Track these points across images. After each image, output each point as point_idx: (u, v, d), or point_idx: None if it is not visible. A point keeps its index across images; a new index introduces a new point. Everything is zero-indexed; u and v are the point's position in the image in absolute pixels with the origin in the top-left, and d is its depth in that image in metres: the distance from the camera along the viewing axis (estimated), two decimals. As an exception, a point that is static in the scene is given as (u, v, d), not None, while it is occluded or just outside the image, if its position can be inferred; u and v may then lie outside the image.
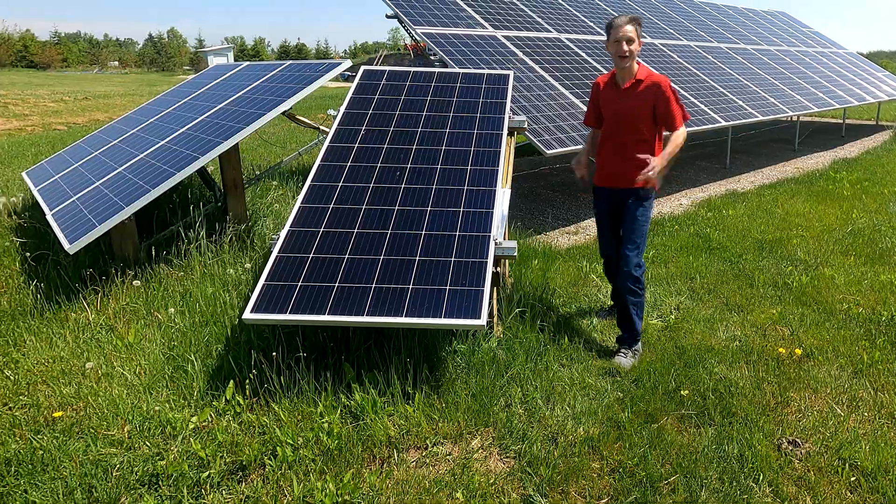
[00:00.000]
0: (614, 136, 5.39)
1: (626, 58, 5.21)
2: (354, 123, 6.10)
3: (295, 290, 4.39)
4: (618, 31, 5.20)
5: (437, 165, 5.58)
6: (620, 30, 5.19)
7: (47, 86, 46.05)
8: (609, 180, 5.45)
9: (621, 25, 5.20)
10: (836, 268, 7.35)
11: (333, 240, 4.81)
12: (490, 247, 4.77)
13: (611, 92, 5.44)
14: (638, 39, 5.24)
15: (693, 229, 8.79)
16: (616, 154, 5.38)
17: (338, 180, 5.38)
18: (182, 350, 4.90)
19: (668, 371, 4.95)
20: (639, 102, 5.28)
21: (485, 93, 6.68)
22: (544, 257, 7.31)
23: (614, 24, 5.25)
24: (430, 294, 4.38)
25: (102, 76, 75.15)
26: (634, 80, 5.32)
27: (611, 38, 5.27)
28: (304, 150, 8.45)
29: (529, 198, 11.12)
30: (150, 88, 44.69)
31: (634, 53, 5.24)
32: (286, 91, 7.16)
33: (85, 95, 35.98)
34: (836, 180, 12.27)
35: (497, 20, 11.92)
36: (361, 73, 6.94)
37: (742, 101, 13.60)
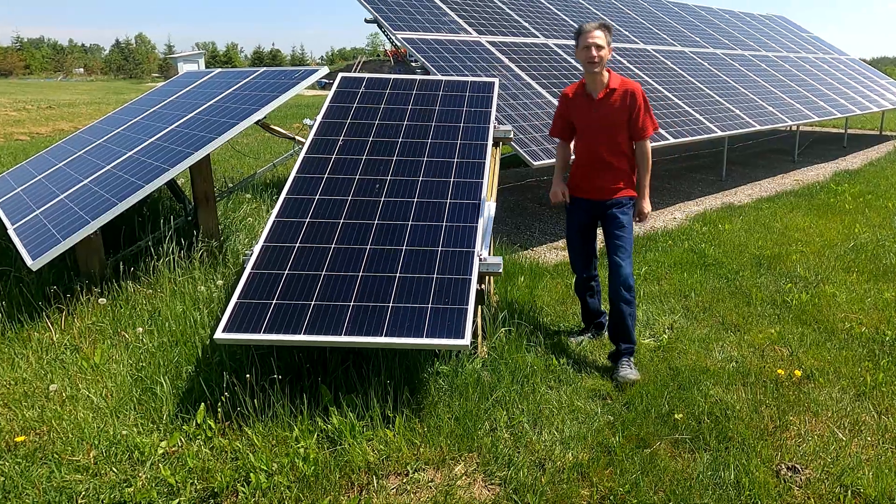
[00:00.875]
0: (591, 149, 5.50)
1: (596, 64, 5.30)
2: (332, 133, 6.15)
3: (269, 309, 4.43)
4: (586, 36, 5.31)
5: (418, 177, 5.64)
6: (589, 35, 5.30)
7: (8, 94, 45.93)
8: (587, 193, 5.58)
9: (590, 31, 5.31)
10: (838, 285, 7.41)
11: (309, 256, 4.85)
12: (474, 263, 4.82)
13: (583, 103, 5.52)
14: (608, 46, 5.36)
15: (687, 245, 8.87)
16: (594, 167, 5.51)
17: (314, 193, 5.43)
18: (150, 371, 4.92)
19: (661, 393, 4.98)
20: (615, 113, 5.42)
21: (469, 101, 6.74)
22: (531, 274, 7.37)
23: (583, 30, 5.36)
24: (411, 312, 4.43)
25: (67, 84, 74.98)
26: (608, 90, 5.43)
27: (580, 45, 5.37)
28: (279, 162, 8.48)
29: (515, 211, 11.19)
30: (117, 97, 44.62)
31: (604, 60, 5.34)
32: (260, 99, 7.21)
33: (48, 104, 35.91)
34: (838, 193, 12.40)
35: (482, 25, 12.02)
36: (339, 80, 7.00)
37: (739, 109, 13.75)
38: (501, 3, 13.56)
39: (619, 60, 13.39)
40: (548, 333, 5.96)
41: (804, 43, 23.88)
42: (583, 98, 5.53)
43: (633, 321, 5.44)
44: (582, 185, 5.59)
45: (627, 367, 5.33)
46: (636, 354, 5.61)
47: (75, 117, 28.18)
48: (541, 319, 6.24)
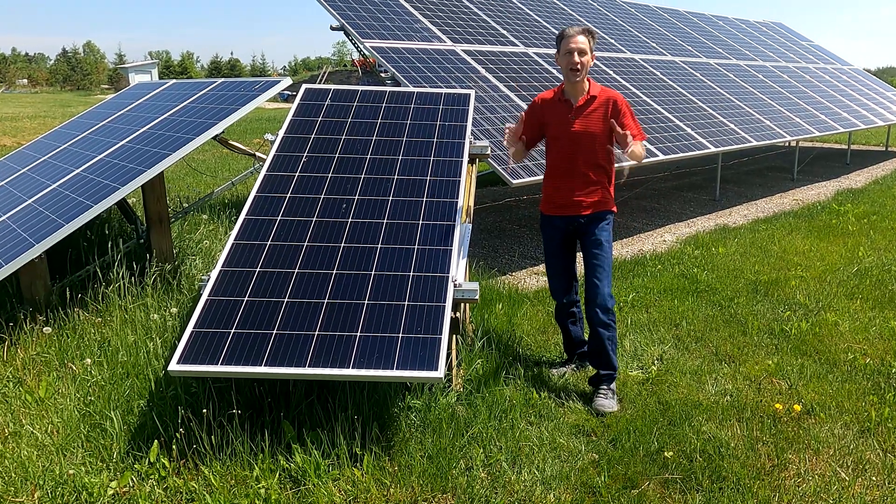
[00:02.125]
0: (567, 160, 5.55)
1: (578, 71, 5.39)
2: (295, 149, 6.21)
3: (227, 339, 4.48)
4: (569, 41, 5.40)
5: (388, 197, 5.70)
6: (572, 40, 5.39)
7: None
8: (564, 210, 5.63)
9: (573, 36, 5.41)
10: (841, 313, 7.48)
11: (271, 281, 4.90)
12: (449, 289, 4.87)
13: (561, 111, 5.57)
14: (591, 53, 5.44)
15: (678, 269, 8.97)
16: (570, 181, 5.56)
17: (276, 214, 5.49)
18: (100, 406, 4.94)
19: (649, 430, 5.03)
20: (596, 122, 5.48)
21: (442, 115, 6.81)
22: (510, 301, 7.43)
23: (565, 35, 5.45)
24: (380, 343, 4.48)
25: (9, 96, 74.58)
26: (588, 97, 5.51)
27: (561, 50, 5.47)
28: (238, 180, 8.52)
29: (493, 233, 11.27)
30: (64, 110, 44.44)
31: (587, 68, 5.44)
32: (217, 113, 7.26)
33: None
34: (840, 214, 12.54)
35: (457, 33, 12.15)
36: (303, 92, 7.06)
37: (734, 123, 13.91)
38: (478, 10, 13.69)
39: (605, 71, 13.53)
40: (528, 365, 6.01)
41: (804, 52, 24.14)
42: (560, 104, 5.59)
43: (613, 346, 5.52)
44: (556, 199, 5.65)
45: (604, 396, 5.41)
46: (622, 388, 5.67)
47: (18, 132, 28.07)
48: (520, 350, 6.30)
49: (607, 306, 5.46)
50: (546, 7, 15.82)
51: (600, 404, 5.33)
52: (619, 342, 6.42)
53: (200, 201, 8.61)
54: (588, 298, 5.52)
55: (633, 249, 10.21)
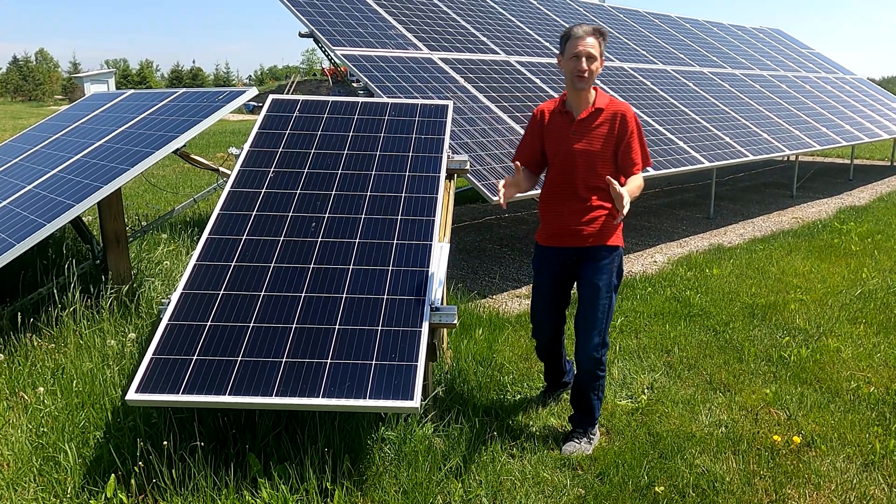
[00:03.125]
0: (567, 183, 5.22)
1: (585, 79, 5.05)
2: (261, 164, 6.24)
3: (189, 366, 4.50)
4: (576, 43, 5.04)
5: (360, 215, 5.73)
6: (580, 42, 5.03)
7: None
8: (560, 239, 5.31)
9: (581, 37, 5.03)
10: (843, 338, 7.53)
11: (235, 305, 4.93)
12: (425, 313, 4.89)
13: (561, 123, 5.25)
14: (601, 58, 5.10)
15: (670, 292, 9.03)
16: (568, 206, 5.24)
17: (241, 233, 5.52)
18: (53, 438, 4.94)
19: (639, 463, 5.05)
20: (601, 137, 5.14)
21: (419, 127, 6.83)
22: (490, 326, 7.46)
23: (572, 35, 5.07)
24: (352, 370, 4.50)
25: (-45, 108, 74.16)
26: (593, 109, 5.17)
27: (566, 52, 5.10)
28: (201, 197, 8.54)
29: (473, 254, 11.31)
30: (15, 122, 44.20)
31: (594, 75, 5.09)
32: (179, 125, 7.29)
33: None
34: (843, 233, 12.64)
35: (434, 40, 12.22)
36: (269, 103, 7.09)
37: (729, 137, 14.01)
38: (456, 15, 13.79)
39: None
40: (509, 394, 6.05)
41: (804, 60, 24.32)
42: (560, 117, 5.26)
43: (596, 394, 5.32)
44: (552, 227, 5.34)
45: (574, 442, 5.28)
46: (610, 419, 5.68)
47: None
48: (501, 378, 6.33)
49: (596, 357, 5.20)
50: (530, 12, 15.94)
51: (567, 449, 5.23)
52: (608, 370, 6.49)
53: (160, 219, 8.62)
54: (577, 345, 5.25)
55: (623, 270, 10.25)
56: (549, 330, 5.58)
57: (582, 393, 5.34)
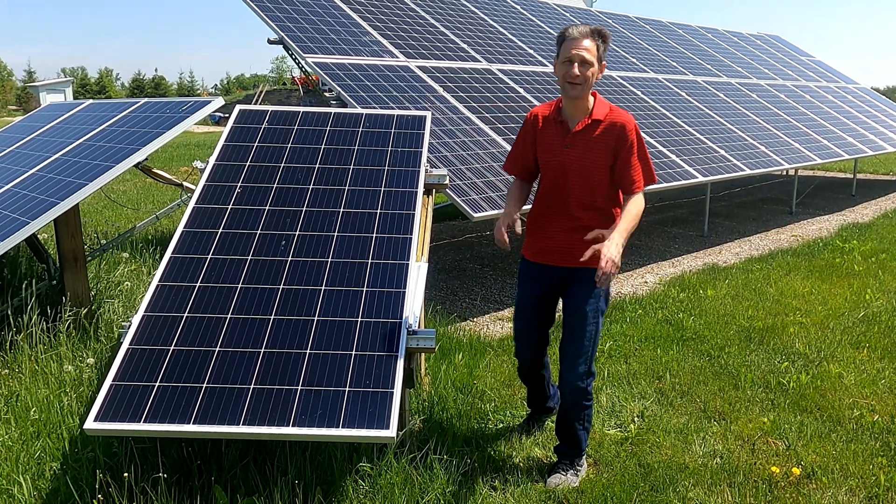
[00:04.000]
0: (559, 199, 5.17)
1: (579, 85, 4.93)
2: (227, 179, 6.25)
3: (151, 393, 4.51)
4: (570, 45, 4.94)
5: (333, 233, 5.74)
6: (573, 45, 4.92)
7: None
8: (549, 256, 5.29)
9: (576, 38, 4.93)
10: (845, 364, 7.58)
11: (200, 328, 4.94)
12: (401, 337, 4.90)
13: (555, 133, 5.18)
14: (599, 63, 5.00)
15: (662, 314, 9.09)
16: (558, 222, 5.20)
17: (206, 252, 5.53)
18: (7, 470, 4.94)
19: (629, 496, 5.07)
20: (597, 152, 5.04)
21: (395, 140, 6.85)
22: (471, 350, 7.47)
23: (567, 36, 4.98)
24: (324, 397, 4.51)
25: None
26: (590, 121, 5.06)
27: (560, 55, 4.99)
28: (164, 213, 8.56)
29: (452, 274, 11.34)
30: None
31: (590, 81, 4.96)
32: (140, 137, 7.30)
33: None
34: (845, 252, 12.72)
35: (411, 46, 12.28)
36: (236, 114, 7.08)
37: (724, 150, 14.09)
38: (435, 21, 13.86)
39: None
40: (491, 422, 6.08)
41: (804, 68, 24.44)
42: (555, 126, 5.18)
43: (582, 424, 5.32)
44: (539, 241, 5.32)
45: (560, 473, 5.31)
46: (598, 449, 5.70)
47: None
48: (483, 406, 6.36)
49: (579, 386, 5.19)
50: (513, 18, 16.02)
51: (552, 481, 5.25)
52: (596, 397, 6.53)
53: (121, 237, 8.63)
54: (562, 369, 5.25)
55: (611, 292, 10.27)
56: (533, 349, 5.58)
57: (567, 423, 5.35)
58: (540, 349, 5.61)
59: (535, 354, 5.62)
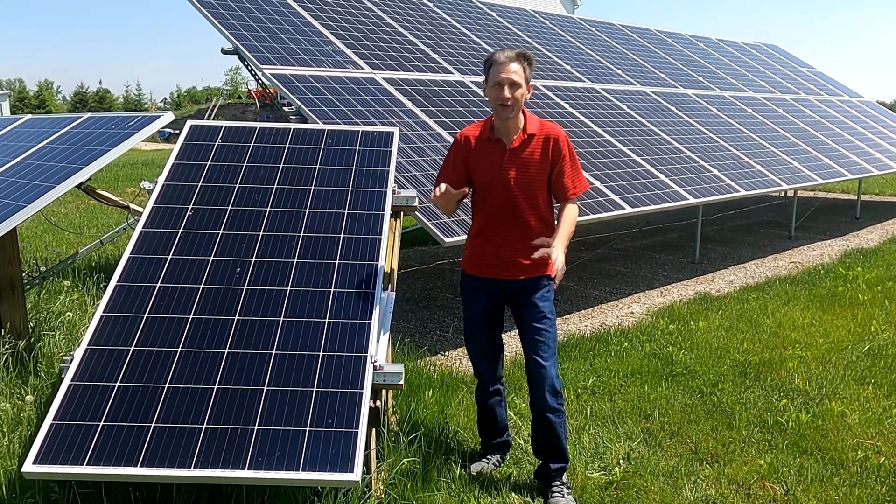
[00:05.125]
0: (503, 214, 5.66)
1: (510, 108, 5.46)
2: (178, 200, 6.25)
3: (95, 433, 4.51)
4: (499, 70, 5.45)
5: (292, 259, 5.76)
6: (502, 70, 5.44)
7: None
8: (497, 271, 5.75)
9: (504, 63, 5.45)
10: (849, 401, 7.64)
11: (149, 363, 4.94)
12: (367, 372, 4.92)
13: (490, 152, 5.66)
14: (527, 84, 5.52)
15: (649, 348, 9.14)
16: (502, 237, 5.68)
17: (155, 280, 5.54)
18: (-65, 517, 4.95)
19: (613, 544, 5.16)
20: (535, 165, 5.62)
21: (360, 158, 6.86)
22: (442, 386, 7.53)
23: (494, 61, 5.50)
24: (283, 438, 4.52)
25: None
26: (525, 137, 5.62)
27: (489, 80, 5.52)
28: (109, 238, 8.57)
29: (422, 304, 11.38)
30: None
31: (520, 102, 5.50)
32: (83, 155, 7.29)
33: None
34: (849, 279, 12.81)
35: (377, 57, 12.33)
36: (188, 130, 7.06)
37: (717, 169, 14.17)
38: (403, 30, 13.94)
39: (559, 104, 13.82)
40: (464, 464, 6.08)
41: (804, 80, 24.61)
42: (489, 145, 5.67)
43: (564, 431, 5.66)
44: (486, 258, 5.77)
45: (560, 494, 5.56)
46: (580, 495, 5.75)
47: None
48: (455, 446, 6.39)
49: (556, 388, 5.59)
50: (488, 27, 16.11)
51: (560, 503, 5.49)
52: (577, 437, 6.59)
53: (62, 264, 8.63)
54: (533, 381, 5.62)
55: (594, 323, 10.38)
56: (493, 361, 6.06)
57: (552, 438, 5.66)
58: (499, 359, 6.10)
59: (495, 364, 6.07)
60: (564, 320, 10.48)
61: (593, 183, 11.17)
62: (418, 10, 15.15)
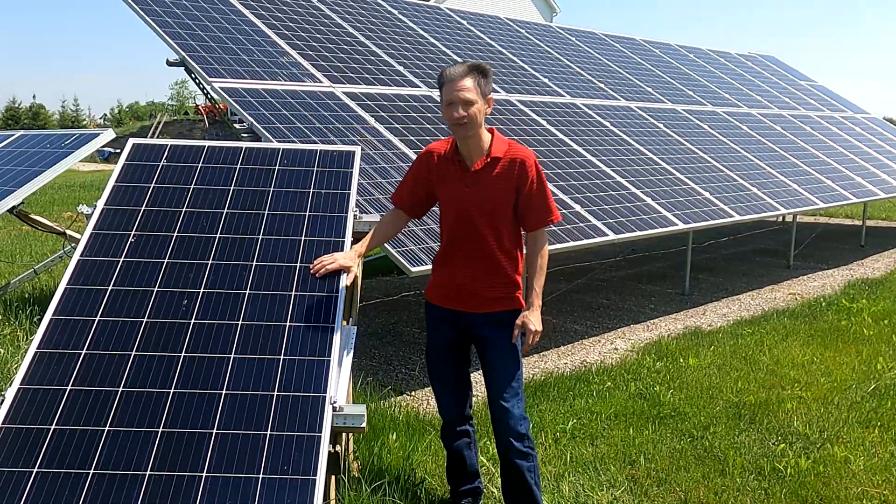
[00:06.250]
0: (466, 242, 5.70)
1: (466, 125, 5.48)
2: (119, 226, 6.24)
3: (28, 481, 4.49)
4: (451, 88, 5.48)
5: (244, 291, 5.76)
6: (454, 86, 5.46)
7: None
8: (458, 302, 5.80)
9: (453, 80, 5.48)
10: (853, 446, 7.68)
11: (87, 404, 4.93)
12: (326, 414, 4.93)
13: (454, 175, 5.71)
14: (484, 98, 5.53)
15: (635, 387, 9.18)
16: (465, 265, 5.73)
17: (94, 313, 5.53)
18: None
19: None
20: (499, 190, 5.63)
21: (318, 180, 6.87)
22: (408, 430, 7.50)
23: (445, 78, 5.53)
24: (234, 486, 4.52)
25: None
26: (489, 158, 5.63)
27: (443, 98, 5.56)
28: (44, 267, 8.60)
29: (386, 339, 11.42)
30: None
31: (477, 119, 5.50)
32: (15, 177, 7.26)
33: None
34: (853, 313, 12.89)
35: (336, 69, 12.40)
36: (130, 149, 7.03)
37: (709, 192, 14.27)
38: (365, 39, 14.03)
39: (536, 120, 13.92)
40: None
41: (804, 95, 24.76)
42: (454, 165, 5.72)
43: (535, 477, 5.68)
44: (447, 288, 5.84)
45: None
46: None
47: None
48: (422, 495, 6.40)
49: (521, 432, 5.61)
50: (458, 36, 16.18)
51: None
52: (556, 485, 6.63)
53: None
54: (496, 424, 5.67)
55: (574, 361, 10.43)
56: (459, 396, 6.09)
57: (521, 485, 5.70)
58: (466, 396, 6.12)
59: (460, 398, 6.09)
60: (542, 357, 10.53)
61: (573, 207, 11.23)
62: (382, 19, 15.24)
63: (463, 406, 6.05)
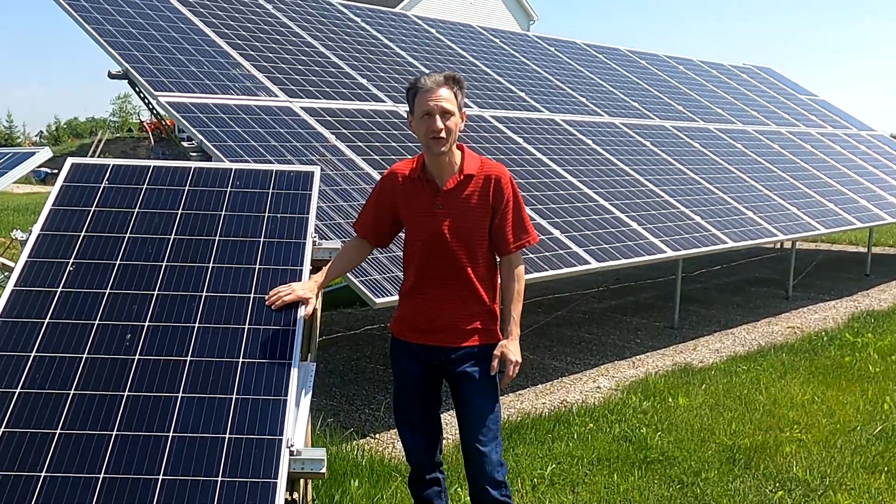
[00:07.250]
0: (434, 270, 5.64)
1: (442, 140, 5.43)
2: (57, 254, 6.21)
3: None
4: (426, 97, 5.44)
5: (193, 324, 5.76)
6: (430, 96, 5.43)
7: None
8: (428, 334, 5.73)
9: (431, 89, 5.44)
10: (857, 493, 7.72)
11: (22, 446, 4.91)
12: (282, 458, 4.93)
13: (423, 196, 5.66)
14: (460, 111, 5.53)
15: (619, 429, 9.21)
16: (436, 295, 5.67)
17: (28, 348, 5.51)
18: None
19: None
20: (474, 211, 5.60)
21: (273, 202, 6.86)
22: (371, 475, 7.54)
23: (420, 88, 5.49)
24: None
25: None
26: (462, 177, 5.61)
27: (416, 110, 5.51)
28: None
29: (348, 377, 11.45)
30: None
31: (454, 134, 5.48)
32: (-60, 199, 7.33)
33: None
34: (857, 348, 12.96)
35: (294, 82, 12.40)
36: (68, 169, 7.01)
37: (701, 216, 14.35)
38: (325, 49, 14.07)
39: (511, 138, 13.96)
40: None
41: (804, 110, 24.87)
42: (422, 185, 5.67)
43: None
44: (417, 321, 5.75)
45: None
46: None
47: None
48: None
49: (498, 480, 5.57)
50: (427, 46, 16.23)
51: None
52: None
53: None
54: (471, 470, 5.64)
55: (554, 400, 10.46)
56: (428, 439, 6.00)
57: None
58: (436, 440, 6.02)
59: (429, 443, 5.99)
60: (518, 396, 10.56)
61: (552, 232, 11.27)
62: (344, 28, 15.27)
63: (433, 452, 5.96)
